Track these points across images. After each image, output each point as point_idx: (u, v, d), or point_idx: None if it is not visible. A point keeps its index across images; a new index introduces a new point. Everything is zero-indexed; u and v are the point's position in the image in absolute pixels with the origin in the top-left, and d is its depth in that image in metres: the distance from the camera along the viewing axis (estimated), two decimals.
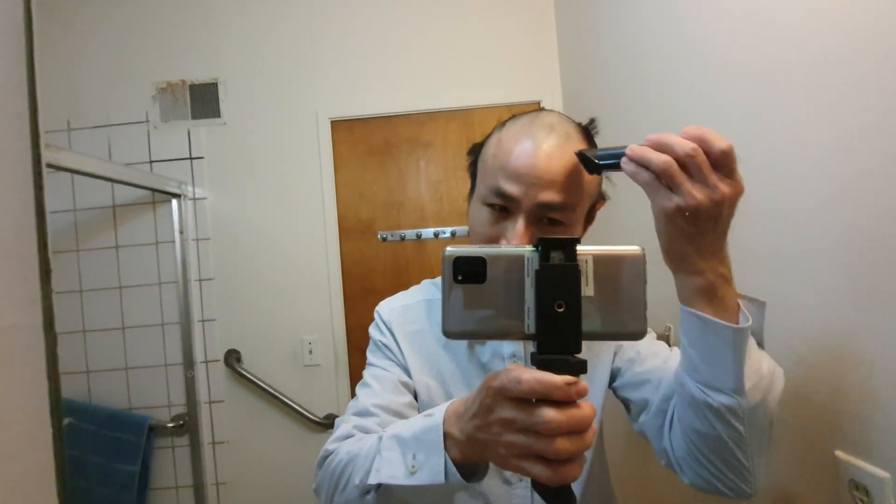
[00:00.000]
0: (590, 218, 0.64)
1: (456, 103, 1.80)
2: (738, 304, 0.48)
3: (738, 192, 0.43)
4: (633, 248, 0.39)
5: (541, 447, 0.35)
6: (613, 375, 0.69)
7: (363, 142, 1.83)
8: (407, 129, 1.82)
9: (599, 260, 0.38)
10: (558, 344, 0.37)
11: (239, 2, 1.81)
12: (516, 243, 0.54)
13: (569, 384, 0.35)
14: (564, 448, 0.35)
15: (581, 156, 0.54)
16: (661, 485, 1.13)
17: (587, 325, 0.37)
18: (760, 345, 0.52)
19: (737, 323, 0.47)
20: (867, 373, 0.56)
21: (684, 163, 0.42)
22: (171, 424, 1.74)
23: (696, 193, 0.42)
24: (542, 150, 0.56)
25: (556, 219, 0.57)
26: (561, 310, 0.36)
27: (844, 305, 0.58)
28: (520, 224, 0.56)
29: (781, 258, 0.68)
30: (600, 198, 0.64)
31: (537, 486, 0.39)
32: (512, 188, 0.56)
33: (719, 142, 0.42)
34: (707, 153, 0.42)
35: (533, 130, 0.58)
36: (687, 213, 0.42)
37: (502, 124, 0.63)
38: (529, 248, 0.39)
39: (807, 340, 0.64)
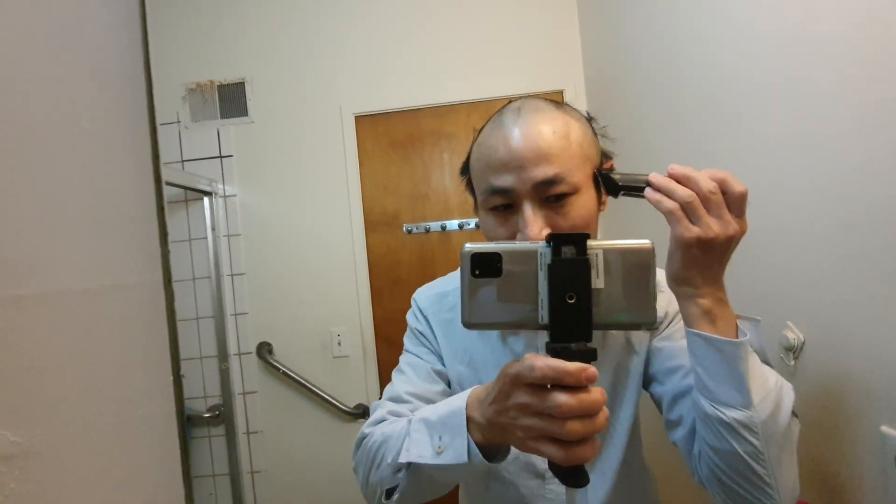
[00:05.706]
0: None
1: (478, 95, 1.81)
2: (737, 324, 0.51)
3: (744, 231, 0.49)
4: (642, 242, 0.40)
5: (554, 429, 0.38)
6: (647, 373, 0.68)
7: (387, 135, 1.85)
8: (430, 121, 1.84)
9: (609, 253, 0.40)
10: (570, 333, 0.39)
11: (264, 3, 1.85)
12: (529, 231, 0.54)
13: (580, 370, 0.37)
14: (576, 430, 0.37)
15: (602, 176, 0.55)
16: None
17: (598, 316, 0.39)
18: (766, 361, 0.54)
19: (736, 339, 0.50)
20: None
21: (705, 198, 0.47)
22: (207, 415, 1.80)
23: (714, 227, 0.47)
24: (517, 132, 0.56)
25: (561, 192, 0.55)
26: (572, 301, 0.39)
27: (885, 279, 0.58)
28: (527, 211, 0.55)
29: (821, 234, 0.68)
30: (605, 157, 0.62)
31: (552, 466, 0.41)
32: (503, 181, 0.55)
33: (737, 185, 0.47)
34: (725, 193, 0.47)
35: (503, 120, 0.58)
36: (703, 244, 0.47)
37: (478, 132, 0.63)
38: (542, 243, 0.41)
39: (849, 315, 0.64)
